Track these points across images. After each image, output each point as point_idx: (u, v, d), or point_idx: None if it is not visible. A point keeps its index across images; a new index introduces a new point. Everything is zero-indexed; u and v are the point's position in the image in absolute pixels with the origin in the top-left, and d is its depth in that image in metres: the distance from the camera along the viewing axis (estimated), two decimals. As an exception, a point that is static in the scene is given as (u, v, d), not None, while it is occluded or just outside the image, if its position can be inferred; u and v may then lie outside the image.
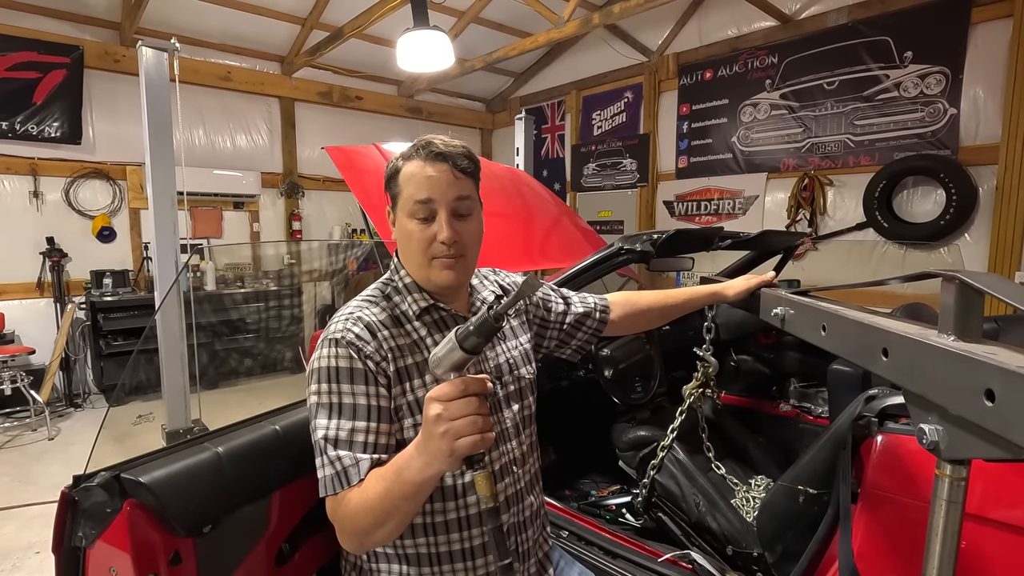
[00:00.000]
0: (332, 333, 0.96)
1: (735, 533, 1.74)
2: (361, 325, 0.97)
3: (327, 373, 0.93)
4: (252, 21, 5.76)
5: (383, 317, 1.00)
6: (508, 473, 1.09)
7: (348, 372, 0.93)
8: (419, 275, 1.04)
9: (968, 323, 0.68)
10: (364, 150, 3.39)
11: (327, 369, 0.93)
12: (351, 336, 0.95)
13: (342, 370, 0.93)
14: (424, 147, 1.00)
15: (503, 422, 1.09)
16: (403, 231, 1.02)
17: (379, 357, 0.96)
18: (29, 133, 4.99)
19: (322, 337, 0.98)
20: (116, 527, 0.87)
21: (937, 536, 0.72)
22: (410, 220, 1.00)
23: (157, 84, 3.23)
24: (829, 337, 0.99)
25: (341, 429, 0.91)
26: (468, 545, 1.03)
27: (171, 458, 0.96)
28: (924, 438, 0.70)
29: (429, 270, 1.01)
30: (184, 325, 3.35)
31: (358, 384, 0.93)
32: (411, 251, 1.02)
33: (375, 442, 0.92)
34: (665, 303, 1.49)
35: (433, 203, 0.98)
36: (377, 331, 0.98)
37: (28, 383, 4.56)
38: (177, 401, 3.39)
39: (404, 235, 1.02)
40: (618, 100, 6.69)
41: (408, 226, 1.00)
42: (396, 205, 1.03)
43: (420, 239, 0.99)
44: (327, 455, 0.90)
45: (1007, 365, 0.56)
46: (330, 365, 0.93)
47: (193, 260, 5.65)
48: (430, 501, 1.00)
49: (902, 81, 4.51)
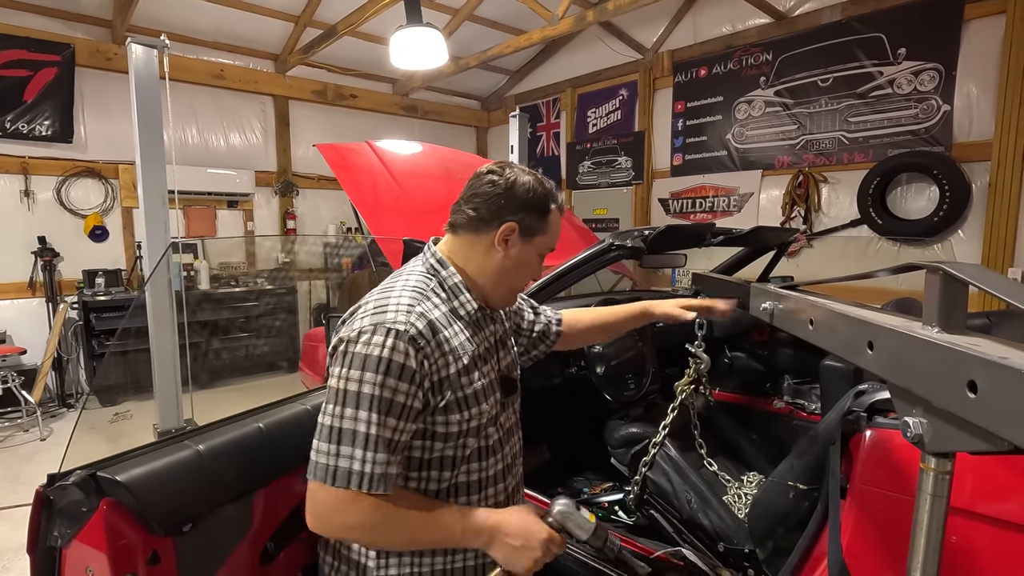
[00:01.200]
0: (393, 323, 0.93)
1: (727, 529, 1.73)
2: (424, 321, 0.96)
3: (378, 363, 0.90)
4: (245, 19, 5.72)
5: (438, 315, 1.01)
6: (514, 464, 1.17)
7: (400, 368, 0.91)
8: (500, 291, 1.10)
9: (952, 315, 0.67)
10: (357, 147, 3.38)
11: (379, 359, 0.91)
12: (414, 332, 0.94)
13: (395, 364, 0.91)
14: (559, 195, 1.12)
15: (511, 417, 1.16)
16: (523, 260, 1.09)
17: (435, 357, 0.96)
18: (20, 132, 4.95)
19: (373, 322, 0.94)
20: (92, 526, 0.86)
21: (922, 530, 0.71)
22: (537, 257, 1.11)
23: (147, 82, 3.19)
24: (816, 331, 0.99)
25: (384, 427, 0.90)
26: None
27: (150, 456, 0.94)
28: (908, 431, 0.69)
29: (509, 296, 1.13)
30: (175, 324, 3.33)
31: (405, 382, 0.92)
32: (514, 277, 1.10)
33: (401, 441, 0.94)
34: (606, 320, 1.52)
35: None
36: (438, 330, 0.98)
37: (19, 383, 4.53)
38: (169, 401, 3.37)
39: (521, 263, 1.09)
40: (613, 98, 6.68)
41: (536, 261, 1.11)
42: (529, 235, 1.08)
43: (531, 273, 1.12)
44: (359, 449, 0.89)
45: (989, 356, 0.55)
46: (383, 356, 0.91)
47: (185, 259, 5.62)
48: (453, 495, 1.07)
49: (896, 78, 4.50)
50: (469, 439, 1.03)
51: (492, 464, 1.09)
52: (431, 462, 1.02)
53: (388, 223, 2.95)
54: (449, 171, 3.59)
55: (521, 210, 1.06)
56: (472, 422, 1.02)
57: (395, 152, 3.53)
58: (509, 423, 1.16)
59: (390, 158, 3.34)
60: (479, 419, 1.03)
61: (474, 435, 1.03)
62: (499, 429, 1.11)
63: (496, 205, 1.05)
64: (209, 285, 5.79)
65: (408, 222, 2.88)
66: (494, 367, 1.10)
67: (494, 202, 1.05)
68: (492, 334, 1.13)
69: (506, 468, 1.13)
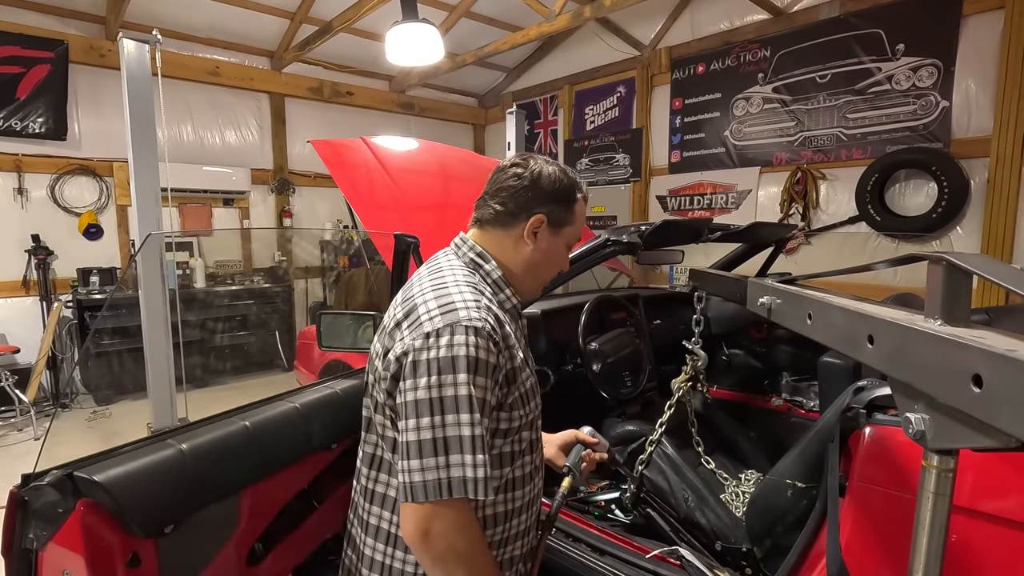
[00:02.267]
0: (469, 320, 0.91)
1: (724, 528, 1.71)
2: (494, 316, 0.95)
3: (467, 364, 0.88)
4: (240, 15, 5.69)
5: (496, 308, 0.99)
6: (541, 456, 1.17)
7: (487, 365, 0.90)
8: (529, 284, 1.11)
9: (955, 307, 0.65)
10: (352, 144, 3.35)
11: (467, 359, 0.88)
12: (489, 327, 0.92)
13: (482, 362, 0.89)
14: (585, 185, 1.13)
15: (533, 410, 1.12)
16: (552, 251, 1.09)
17: (505, 353, 0.96)
18: (13, 129, 4.91)
19: (448, 322, 0.91)
20: (69, 528, 0.83)
21: (924, 529, 0.69)
22: (564, 248, 1.12)
23: (139, 78, 3.16)
24: (815, 325, 0.96)
25: (484, 428, 0.88)
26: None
27: (129, 456, 0.91)
28: (910, 428, 0.66)
29: (538, 289, 1.14)
30: (169, 322, 3.30)
31: (492, 380, 0.91)
32: (550, 272, 1.13)
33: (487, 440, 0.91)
34: None
35: None
36: (504, 323, 0.98)
37: (13, 382, 4.50)
38: (163, 399, 3.34)
39: (550, 255, 1.09)
40: (611, 94, 6.65)
41: (561, 250, 1.11)
42: (560, 227, 1.09)
43: (560, 264, 1.13)
44: (468, 454, 0.86)
45: (995, 349, 0.53)
46: (470, 355, 0.88)
47: (181, 257, 5.59)
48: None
49: (894, 74, 4.48)
50: (524, 433, 1.04)
51: (537, 455, 1.11)
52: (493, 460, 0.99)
53: (383, 219, 2.92)
54: (445, 168, 3.56)
55: (549, 202, 1.06)
56: (529, 416, 1.04)
57: (391, 149, 3.50)
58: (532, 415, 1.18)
59: (385, 154, 3.30)
60: (535, 412, 1.07)
61: (528, 429, 1.05)
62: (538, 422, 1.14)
63: (523, 198, 1.05)
64: (205, 283, 5.76)
65: (404, 218, 2.85)
66: (531, 361, 1.11)
67: (521, 195, 1.05)
68: (523, 328, 1.15)
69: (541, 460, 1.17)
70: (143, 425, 3.54)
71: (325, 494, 1.35)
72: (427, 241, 1.74)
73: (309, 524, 1.28)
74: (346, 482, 1.39)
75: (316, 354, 3.63)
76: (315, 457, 1.26)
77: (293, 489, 1.21)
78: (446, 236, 1.18)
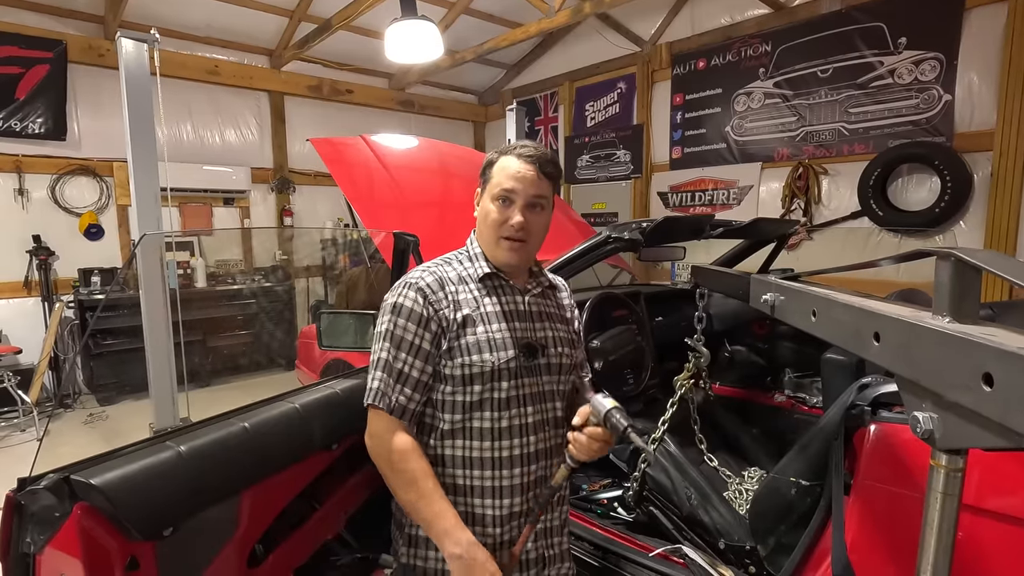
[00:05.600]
0: (408, 278, 1.19)
1: (727, 526, 1.70)
2: (433, 277, 1.19)
3: (393, 307, 1.16)
4: (238, 14, 5.67)
5: (451, 275, 1.22)
6: (542, 429, 1.23)
7: (408, 311, 1.15)
8: (488, 250, 1.23)
9: (964, 303, 0.64)
10: (351, 142, 3.33)
11: (394, 304, 1.16)
12: (423, 284, 1.17)
13: (404, 308, 1.15)
14: (520, 147, 1.21)
15: (542, 385, 1.24)
16: (484, 211, 1.21)
17: (440, 306, 1.16)
18: (12, 129, 4.91)
19: (400, 280, 1.20)
20: (66, 532, 0.82)
21: (932, 530, 0.68)
22: (493, 202, 1.19)
23: (137, 77, 3.15)
24: (819, 323, 0.95)
25: (396, 359, 1.14)
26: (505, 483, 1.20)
27: (127, 458, 0.90)
28: (918, 427, 0.65)
29: (496, 248, 1.21)
30: (170, 322, 3.29)
31: (412, 323, 1.14)
32: (486, 228, 1.21)
33: (411, 375, 1.14)
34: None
35: (515, 194, 1.17)
36: (446, 284, 1.19)
37: (16, 383, 4.50)
38: (164, 399, 3.34)
39: (484, 214, 1.21)
40: (611, 91, 6.62)
41: (489, 207, 1.20)
42: (484, 189, 1.23)
43: (496, 219, 1.19)
44: (377, 371, 1.15)
45: (1007, 347, 0.52)
46: (397, 301, 1.16)
47: (181, 256, 5.58)
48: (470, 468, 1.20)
49: (896, 68, 4.45)
50: (475, 386, 1.16)
51: (505, 417, 1.18)
52: (444, 404, 1.18)
53: (383, 217, 2.90)
54: (446, 165, 3.54)
55: (483, 173, 1.24)
56: (474, 368, 1.15)
57: (390, 146, 3.48)
58: (538, 388, 1.23)
59: (385, 152, 3.29)
60: (480, 367, 1.15)
61: (479, 383, 1.16)
62: (519, 387, 1.20)
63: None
64: (206, 282, 5.75)
65: (403, 216, 2.83)
66: (512, 330, 1.20)
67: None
68: (515, 303, 1.25)
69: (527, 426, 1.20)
70: (145, 425, 3.54)
71: (325, 495, 1.34)
72: (427, 239, 1.73)
73: (310, 525, 1.28)
74: (346, 482, 1.39)
75: (317, 353, 3.62)
76: (315, 458, 1.25)
77: (293, 490, 1.20)
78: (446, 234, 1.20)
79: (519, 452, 1.19)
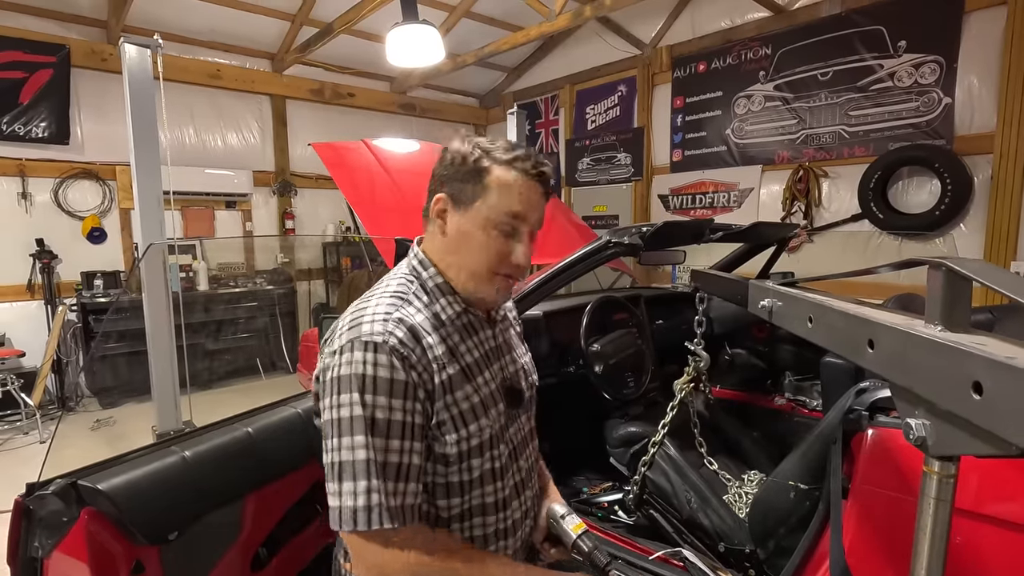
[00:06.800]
0: (370, 336, 0.83)
1: (727, 529, 1.71)
2: (404, 328, 0.86)
3: (362, 382, 0.81)
4: (241, 18, 5.69)
5: (421, 319, 0.90)
6: (531, 480, 1.07)
7: (387, 383, 0.82)
8: (468, 283, 0.94)
9: (955, 312, 0.65)
10: (352, 146, 3.36)
11: (363, 377, 0.81)
12: (394, 341, 0.83)
13: (381, 380, 0.82)
14: (529, 159, 0.92)
15: (522, 428, 1.05)
16: (472, 236, 0.91)
17: (422, 367, 0.86)
18: (16, 134, 4.93)
19: (349, 338, 0.84)
20: (73, 537, 0.84)
21: (925, 535, 0.69)
22: (490, 229, 0.91)
23: (141, 82, 3.17)
24: (815, 329, 0.96)
25: (381, 451, 0.81)
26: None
27: (132, 464, 0.92)
28: (911, 433, 0.66)
29: (486, 284, 0.93)
30: (172, 325, 3.30)
31: (397, 398, 0.83)
32: (474, 260, 0.92)
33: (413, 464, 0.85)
34: None
35: (522, 221, 0.91)
36: (422, 336, 0.88)
37: (19, 386, 4.52)
38: (167, 402, 3.35)
39: (473, 242, 0.91)
40: (612, 94, 6.64)
41: (482, 234, 0.91)
42: (466, 204, 0.91)
43: (496, 252, 0.91)
44: (361, 481, 0.80)
45: (995, 356, 0.53)
46: (367, 373, 0.81)
47: (184, 260, 5.60)
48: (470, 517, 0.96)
49: (896, 71, 4.46)
50: (473, 460, 0.92)
51: (506, 484, 0.98)
52: (436, 488, 0.91)
53: (385, 221, 2.92)
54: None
55: (451, 180, 0.93)
56: (472, 440, 0.91)
57: (392, 150, 3.51)
58: (521, 435, 1.04)
59: (386, 156, 3.31)
60: (479, 437, 0.92)
61: (478, 455, 0.92)
62: (509, 444, 0.99)
63: (432, 184, 0.96)
64: (208, 286, 5.77)
65: (405, 220, 2.85)
66: (494, 376, 0.98)
67: (432, 181, 0.96)
68: (488, 339, 1.00)
69: (522, 482, 1.03)
70: (147, 429, 3.55)
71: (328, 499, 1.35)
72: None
73: (312, 529, 1.29)
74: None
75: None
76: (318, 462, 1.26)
77: (296, 494, 1.21)
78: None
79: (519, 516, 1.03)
